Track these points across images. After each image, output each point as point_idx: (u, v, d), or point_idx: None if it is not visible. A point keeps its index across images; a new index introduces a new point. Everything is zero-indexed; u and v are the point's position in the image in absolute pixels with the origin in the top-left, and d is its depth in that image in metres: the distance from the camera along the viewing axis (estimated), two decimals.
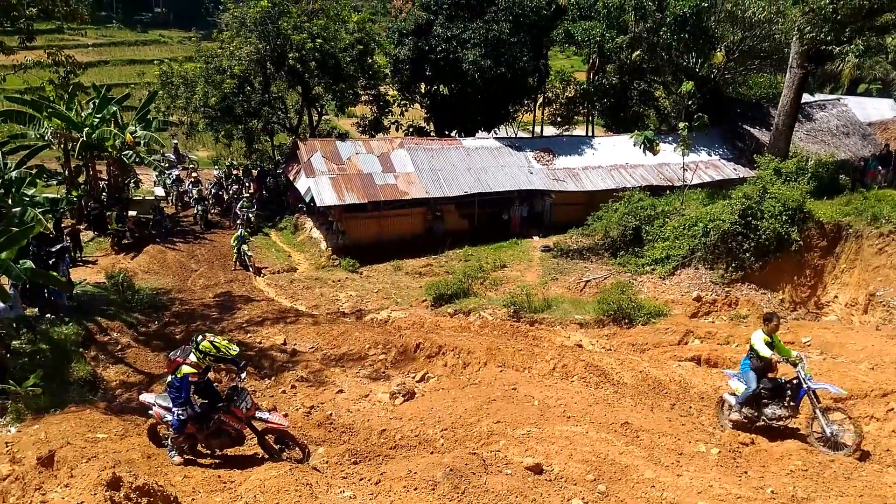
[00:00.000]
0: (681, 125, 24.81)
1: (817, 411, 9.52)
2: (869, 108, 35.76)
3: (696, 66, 31.08)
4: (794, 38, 23.76)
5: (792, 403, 9.83)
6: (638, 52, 30.68)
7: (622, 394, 11.82)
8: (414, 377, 13.32)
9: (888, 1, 21.21)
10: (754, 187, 20.53)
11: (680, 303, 18.23)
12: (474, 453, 8.64)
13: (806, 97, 30.47)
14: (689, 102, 29.08)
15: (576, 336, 15.78)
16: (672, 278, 19.68)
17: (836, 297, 19.71)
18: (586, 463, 8.54)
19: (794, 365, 9.67)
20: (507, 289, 19.64)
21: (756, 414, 9.99)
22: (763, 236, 19.22)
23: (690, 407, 11.33)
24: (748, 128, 29.78)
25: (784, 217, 19.50)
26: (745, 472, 8.63)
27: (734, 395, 10.28)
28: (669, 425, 10.17)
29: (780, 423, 9.96)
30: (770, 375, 10.13)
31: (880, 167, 24.79)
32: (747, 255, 19.30)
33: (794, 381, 9.79)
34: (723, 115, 30.54)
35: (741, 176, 26.01)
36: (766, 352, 9.77)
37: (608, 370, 12.73)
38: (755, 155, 24.40)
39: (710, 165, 28.14)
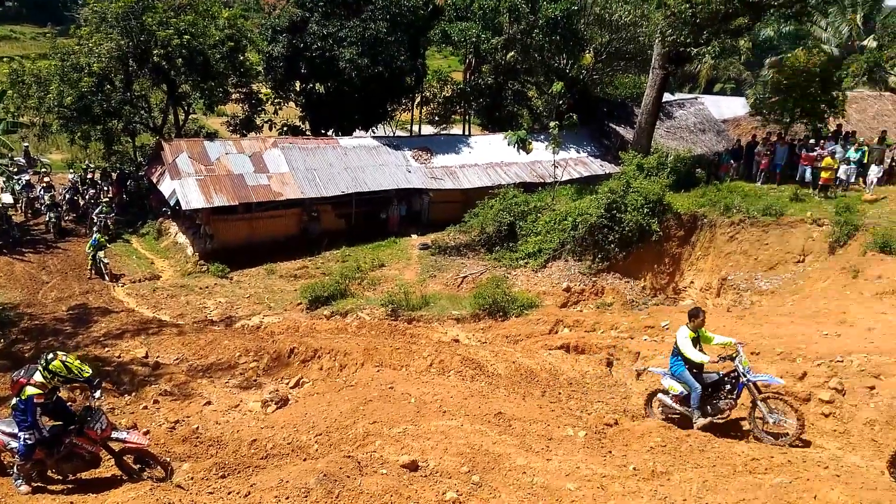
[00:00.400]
0: (552, 124, 25.63)
1: (759, 402, 9.46)
2: (723, 106, 38.30)
3: (567, 68, 32.27)
4: (657, 41, 24.97)
5: (732, 396, 9.70)
6: (512, 52, 31.48)
7: (496, 385, 12.01)
8: (288, 383, 12.97)
9: (741, 6, 22.82)
10: (619, 182, 21.54)
11: (551, 294, 18.83)
12: (349, 456, 8.45)
13: (667, 96, 32.28)
14: (560, 102, 30.12)
15: (453, 331, 15.92)
16: (544, 271, 20.29)
17: (692, 282, 21.07)
18: (461, 455, 8.57)
19: (732, 359, 9.55)
20: (386, 288, 19.55)
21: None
22: (627, 228, 20.20)
23: (560, 393, 11.67)
24: (614, 126, 31.19)
25: (646, 209, 20.57)
26: (610, 452, 8.95)
27: (667, 393, 10.11)
28: (540, 412, 10.42)
29: (722, 417, 9.86)
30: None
31: (732, 161, 26.54)
32: (612, 246, 20.22)
33: (733, 375, 9.65)
34: (591, 115, 31.85)
35: (607, 172, 27.20)
36: (696, 356, 9.57)
37: (483, 363, 12.91)
38: (620, 151, 25.55)
39: (579, 162, 29.26)
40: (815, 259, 20.10)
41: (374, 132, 32.51)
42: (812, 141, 25.38)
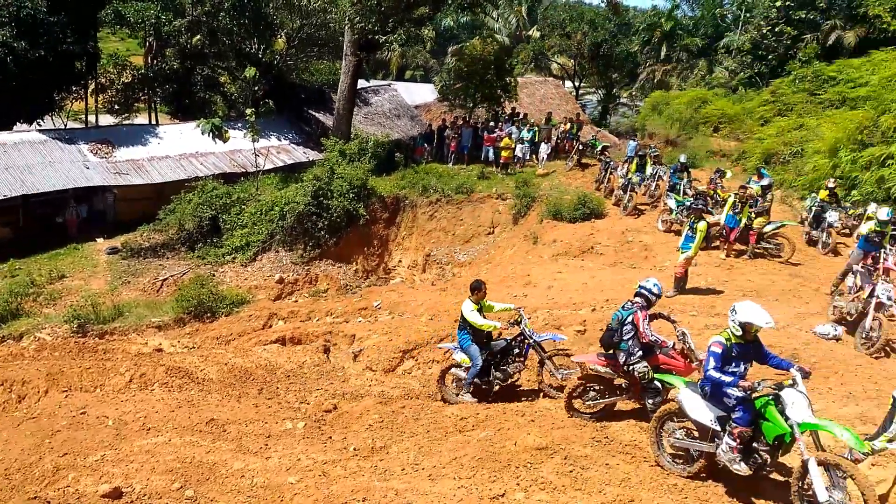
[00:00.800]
0: (248, 111, 24.80)
1: (546, 361, 9.70)
2: (415, 93, 40.19)
3: (259, 53, 31.38)
4: (347, 28, 25.43)
5: (520, 359, 9.85)
6: (198, 36, 29.67)
7: (208, 390, 11.28)
8: None
9: None
10: (323, 169, 21.66)
11: (263, 287, 18.34)
12: (36, 497, 7.38)
13: (363, 83, 33.07)
14: (256, 88, 29.27)
15: (155, 340, 14.62)
16: (254, 264, 19.68)
17: (400, 261, 22.08)
18: (171, 472, 7.88)
19: (518, 323, 9.67)
20: (69, 301, 17.27)
21: (489, 379, 9.84)
22: (335, 214, 20.42)
23: (277, 388, 11.33)
24: (313, 112, 31.12)
25: (351, 195, 21.00)
26: (330, 438, 8.90)
27: (460, 366, 10.00)
28: (256, 411, 10.01)
29: (512, 380, 9.97)
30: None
31: (426, 144, 28.20)
32: (322, 232, 20.32)
33: (519, 338, 9.76)
34: (289, 101, 31.42)
35: (311, 159, 27.11)
36: (488, 324, 9.59)
37: (192, 369, 12.04)
38: (322, 138, 25.66)
39: (281, 150, 28.70)
40: (503, 230, 22.34)
41: (39, 125, 28.32)
42: (492, 123, 28.04)
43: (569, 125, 27.89)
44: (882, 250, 12.23)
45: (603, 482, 7.00)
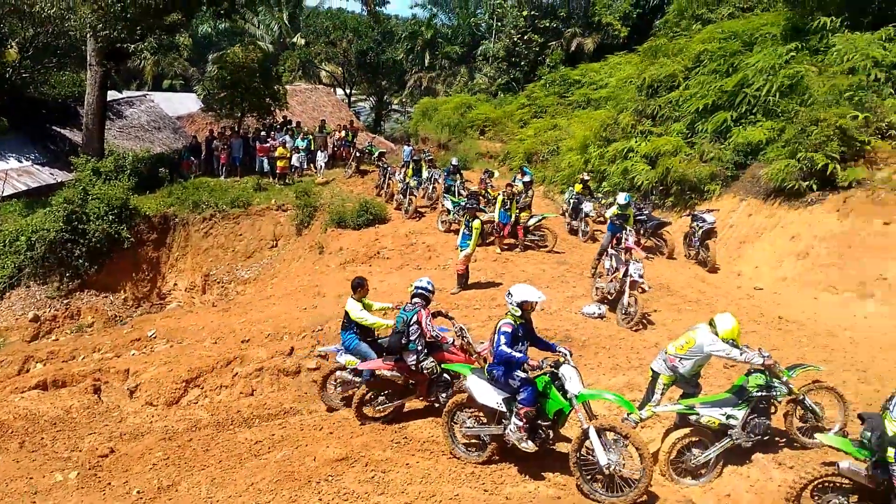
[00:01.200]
0: None
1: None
2: (176, 103, 37.57)
3: None
4: (89, 36, 23.26)
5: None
6: None
7: None
8: None
9: (171, 1, 22.62)
10: (75, 190, 19.59)
11: (16, 328, 16.14)
12: None
13: (114, 94, 30.39)
14: None
15: None
16: (2, 304, 17.23)
17: (175, 284, 20.61)
18: None
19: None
20: None
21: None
22: (94, 239, 18.59)
23: (42, 438, 10.00)
24: (58, 129, 28.02)
25: (111, 216, 19.26)
26: (109, 484, 8.08)
27: (345, 369, 9.36)
28: (18, 467, 8.79)
29: None
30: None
31: (193, 157, 26.56)
32: (81, 261, 18.34)
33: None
34: (29, 118, 27.94)
35: (60, 180, 24.32)
36: (371, 319, 9.20)
37: None
38: (71, 157, 23.15)
39: (23, 173, 25.39)
40: (287, 242, 21.84)
41: None
42: (263, 133, 27.26)
43: (344, 132, 28.04)
44: (624, 231, 13.81)
45: (405, 482, 7.13)
